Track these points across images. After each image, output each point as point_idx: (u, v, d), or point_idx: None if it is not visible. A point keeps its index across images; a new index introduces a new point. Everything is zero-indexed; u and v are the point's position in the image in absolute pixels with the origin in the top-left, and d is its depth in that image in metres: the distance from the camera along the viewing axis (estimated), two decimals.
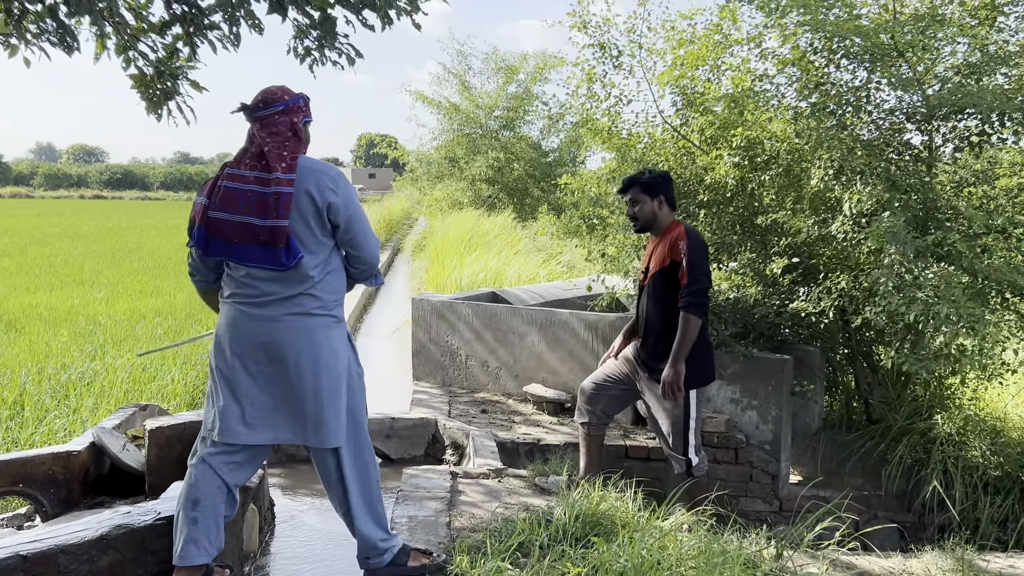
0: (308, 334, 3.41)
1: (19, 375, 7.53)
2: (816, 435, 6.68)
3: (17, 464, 4.34)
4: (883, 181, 5.66)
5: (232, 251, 3.35)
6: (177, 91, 5.33)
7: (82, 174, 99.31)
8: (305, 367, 3.40)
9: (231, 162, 3.43)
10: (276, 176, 3.30)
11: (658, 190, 4.84)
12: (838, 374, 7.32)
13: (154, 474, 4.53)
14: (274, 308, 3.38)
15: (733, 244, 6.81)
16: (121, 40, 5.04)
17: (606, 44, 7.40)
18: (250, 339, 3.40)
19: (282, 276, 3.36)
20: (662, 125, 7.41)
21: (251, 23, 4.30)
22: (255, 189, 3.31)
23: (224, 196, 3.34)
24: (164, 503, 3.47)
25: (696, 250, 4.64)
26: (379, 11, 4.33)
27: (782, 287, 6.46)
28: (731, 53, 7.07)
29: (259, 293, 3.39)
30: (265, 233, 3.29)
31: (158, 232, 29.23)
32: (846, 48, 6.02)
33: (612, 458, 5.86)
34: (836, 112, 6.09)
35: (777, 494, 6.06)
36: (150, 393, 7.36)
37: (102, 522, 3.28)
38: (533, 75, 27.19)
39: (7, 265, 17.53)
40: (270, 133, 3.37)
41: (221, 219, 3.33)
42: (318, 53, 4.65)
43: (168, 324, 10.60)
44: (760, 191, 6.71)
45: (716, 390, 6.22)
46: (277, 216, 3.27)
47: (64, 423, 6.36)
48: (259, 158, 3.35)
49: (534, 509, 4.38)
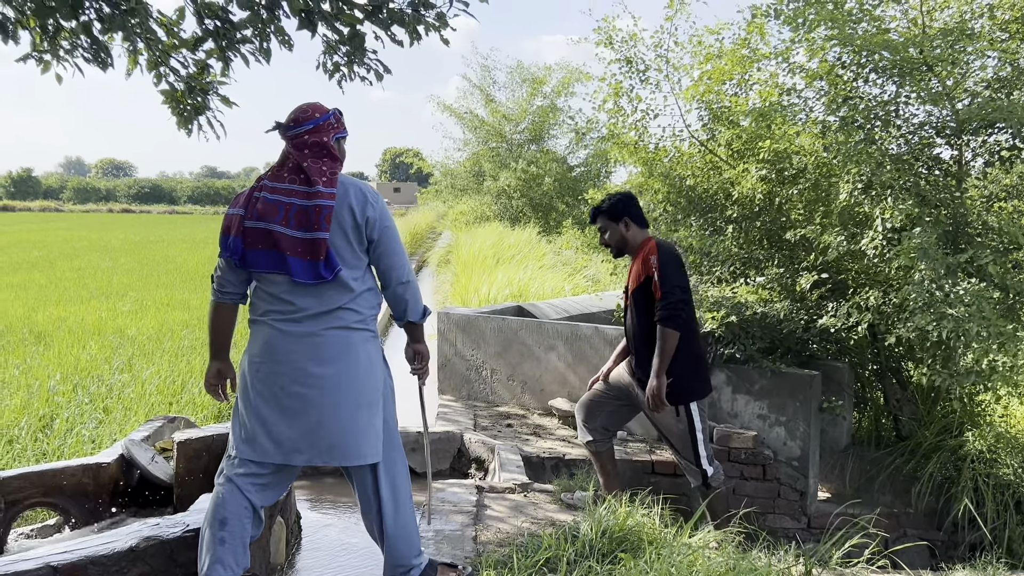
0: (348, 348, 3.39)
1: (48, 387, 7.60)
2: (845, 452, 6.62)
3: (48, 476, 4.37)
4: (913, 196, 5.62)
5: (269, 262, 3.34)
6: (207, 106, 5.38)
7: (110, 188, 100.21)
8: (346, 383, 3.36)
9: (268, 174, 3.43)
10: (318, 189, 3.30)
11: (621, 213, 4.88)
12: (867, 390, 7.26)
13: (182, 486, 4.55)
14: (312, 323, 3.36)
15: (760, 259, 6.78)
16: (153, 56, 5.10)
17: (633, 59, 7.41)
18: (286, 357, 3.35)
19: (319, 290, 3.35)
20: (689, 139, 7.41)
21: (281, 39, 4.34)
22: (295, 202, 3.32)
23: (263, 207, 3.33)
24: (192, 515, 3.48)
25: (667, 262, 4.65)
26: (407, 27, 4.36)
27: (810, 302, 6.43)
28: (758, 67, 7.06)
29: (295, 308, 3.36)
30: (304, 245, 3.29)
31: (185, 246, 29.44)
32: (875, 62, 5.99)
33: (638, 474, 5.83)
34: (864, 126, 6.06)
35: (805, 511, 6.01)
36: (178, 406, 7.40)
37: (131, 534, 3.29)
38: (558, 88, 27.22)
39: (37, 278, 17.71)
40: (305, 150, 3.38)
41: (259, 229, 3.32)
42: (347, 69, 4.69)
43: (195, 336, 10.65)
44: (788, 205, 6.68)
45: (743, 406, 6.19)
46: (318, 228, 3.28)
47: (92, 435, 6.40)
48: (298, 172, 3.37)
49: (560, 524, 4.36)
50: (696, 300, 6.25)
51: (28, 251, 25.65)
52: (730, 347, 6.15)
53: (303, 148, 3.38)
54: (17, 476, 4.24)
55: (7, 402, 7.02)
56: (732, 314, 6.02)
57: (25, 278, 17.67)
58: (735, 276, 6.90)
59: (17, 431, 6.34)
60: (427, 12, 4.34)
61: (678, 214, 7.33)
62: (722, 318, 5.98)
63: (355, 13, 4.26)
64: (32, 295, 14.81)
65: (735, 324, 6.03)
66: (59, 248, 27.25)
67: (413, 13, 4.31)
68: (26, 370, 8.42)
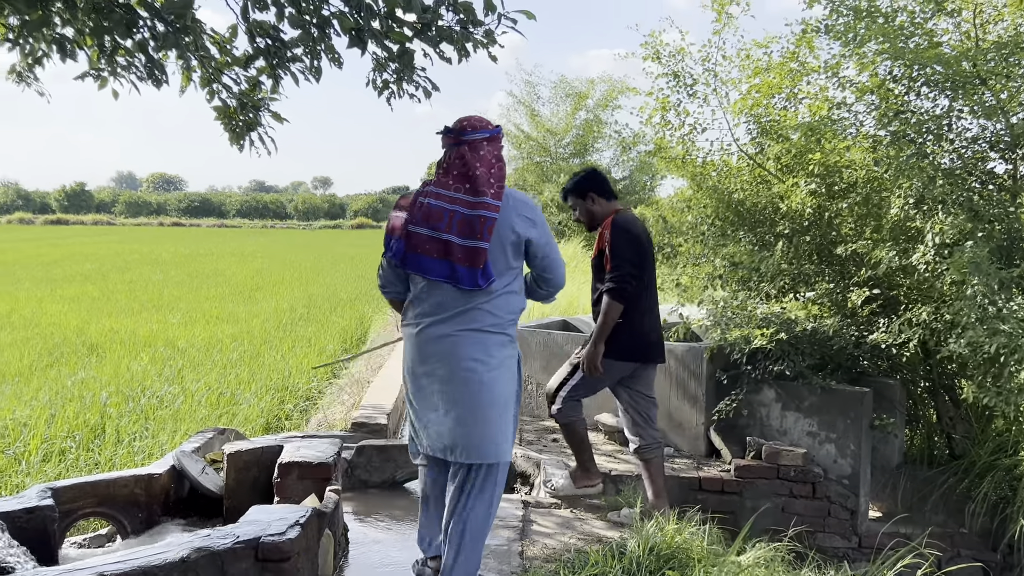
0: (484, 350, 3.52)
1: (100, 398, 7.72)
2: (896, 470, 6.52)
3: (101, 486, 4.43)
4: (965, 211, 5.55)
5: (428, 266, 3.48)
6: (259, 122, 5.46)
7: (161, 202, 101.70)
8: (479, 384, 3.50)
9: (434, 181, 3.56)
10: (484, 200, 3.43)
11: (586, 189, 5.06)
12: (919, 407, 7.15)
13: (232, 497, 4.60)
14: (452, 324, 3.50)
15: (810, 274, 6.71)
16: (206, 73, 5.19)
17: (680, 73, 7.40)
18: (431, 356, 3.53)
19: (464, 292, 3.48)
20: (737, 153, 7.37)
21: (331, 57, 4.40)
22: (460, 210, 3.43)
23: (427, 212, 3.47)
24: (243, 527, 3.51)
25: (618, 237, 4.78)
26: (456, 44, 4.39)
27: (861, 318, 6.35)
28: (807, 81, 7.01)
29: (441, 310, 3.51)
30: (463, 252, 3.42)
31: (234, 259, 29.79)
32: (926, 76, 5.93)
33: (685, 491, 5.79)
34: (916, 140, 5.98)
35: (856, 530, 5.92)
36: (227, 417, 7.48)
37: (182, 545, 3.32)
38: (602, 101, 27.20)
39: (90, 291, 18.02)
40: (478, 157, 3.50)
41: (421, 234, 3.47)
42: (396, 86, 4.73)
43: (244, 349, 10.76)
44: (838, 220, 6.61)
45: (793, 423, 6.13)
46: (480, 238, 3.40)
47: (143, 445, 6.49)
48: (464, 180, 3.48)
49: (607, 541, 4.34)
50: (744, 316, 6.21)
51: (81, 264, 26.12)
52: (779, 363, 6.08)
53: (478, 151, 3.51)
54: (72, 486, 4.30)
55: (61, 412, 7.14)
56: (782, 330, 5.96)
57: (79, 290, 17.99)
58: (784, 292, 6.84)
59: (70, 442, 6.45)
60: (475, 29, 4.37)
61: (727, 228, 7.29)
62: (772, 334, 5.93)
63: (404, 31, 4.30)
64: (85, 307, 15.07)
65: (784, 340, 5.97)
66: (111, 261, 27.71)
67: (462, 31, 4.34)
68: (78, 381, 8.56)
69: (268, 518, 3.56)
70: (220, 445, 5.28)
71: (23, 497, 3.97)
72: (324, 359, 10.31)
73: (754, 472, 5.85)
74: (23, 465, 5.91)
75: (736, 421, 6.31)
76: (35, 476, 5.70)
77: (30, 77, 5.69)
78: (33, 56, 5.37)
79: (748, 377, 6.22)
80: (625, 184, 27.55)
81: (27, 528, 3.76)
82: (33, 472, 5.78)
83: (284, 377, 9.19)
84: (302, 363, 9.91)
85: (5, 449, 6.17)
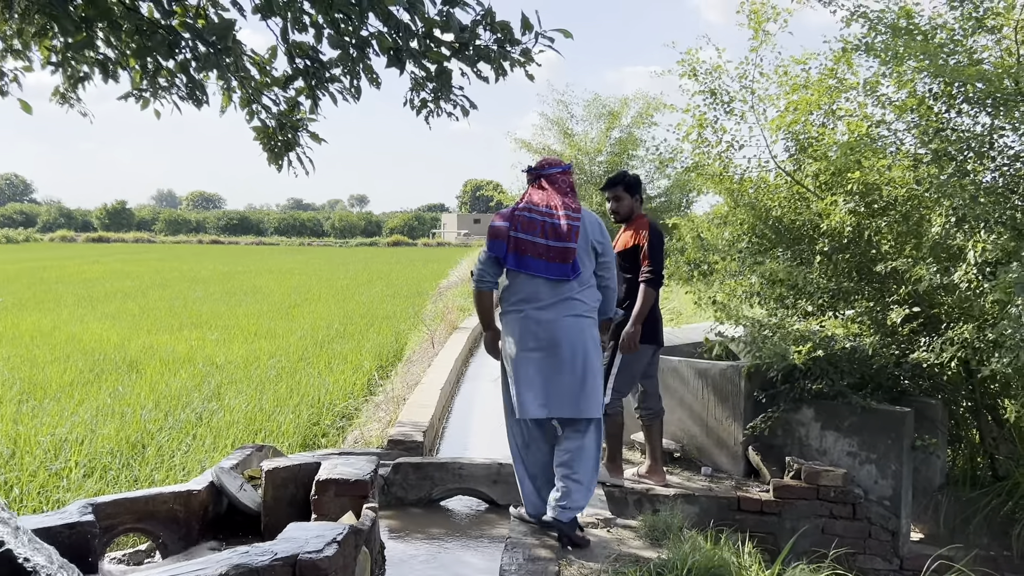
0: (580, 330, 4.56)
1: (140, 414, 7.80)
2: (938, 491, 6.42)
3: (141, 502, 4.47)
4: (1009, 229, 5.47)
5: (528, 263, 4.54)
6: (297, 142, 5.52)
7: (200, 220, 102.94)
8: (579, 355, 4.51)
9: (525, 200, 4.70)
10: (568, 212, 4.56)
11: (637, 189, 6.02)
12: (961, 428, 7.03)
13: (270, 514, 4.62)
14: (555, 311, 4.54)
15: (849, 291, 6.64)
16: (246, 93, 5.25)
17: (717, 90, 7.38)
18: (537, 335, 4.53)
19: (561, 285, 4.55)
20: (775, 170, 7.33)
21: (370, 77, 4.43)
22: (549, 221, 4.54)
23: (525, 222, 4.55)
24: (281, 544, 3.52)
25: (656, 238, 5.78)
26: (493, 63, 4.42)
27: (902, 336, 6.27)
28: (846, 98, 6.96)
29: (542, 298, 4.56)
30: (557, 252, 4.51)
31: (272, 276, 30.01)
32: (966, 93, 5.87)
33: (724, 510, 5.74)
34: (957, 159, 5.92)
35: (897, 552, 5.83)
36: (264, 433, 7.53)
37: (221, 562, 3.34)
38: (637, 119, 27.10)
39: (131, 308, 18.23)
40: (556, 186, 4.68)
41: (522, 239, 4.53)
42: (433, 105, 4.76)
43: (282, 366, 10.83)
44: (877, 237, 6.55)
45: (832, 443, 6.06)
46: (570, 240, 4.52)
47: (181, 461, 6.54)
48: (549, 199, 4.63)
49: (645, 561, 4.31)
50: (782, 334, 6.16)
51: (122, 281, 26.44)
52: (818, 382, 6.02)
53: (556, 183, 4.69)
54: (112, 502, 4.34)
55: (102, 429, 7.22)
56: (820, 348, 5.89)
57: (119, 307, 18.21)
58: (822, 309, 6.77)
59: (110, 458, 6.52)
60: (513, 49, 4.39)
61: (764, 245, 7.25)
62: (808, 351, 5.87)
63: (442, 50, 4.33)
64: (126, 324, 15.24)
65: (823, 359, 5.91)
66: (151, 278, 28.03)
67: (499, 50, 4.36)
68: (118, 397, 8.66)
69: (306, 535, 3.58)
70: (258, 462, 5.30)
71: (65, 513, 4.01)
72: (360, 376, 10.35)
73: (794, 492, 5.79)
74: (64, 481, 5.98)
75: (774, 440, 6.25)
76: (76, 492, 5.76)
77: (73, 98, 5.79)
78: (76, 77, 5.47)
79: (786, 396, 6.17)
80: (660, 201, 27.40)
81: (69, 543, 3.79)
82: (74, 488, 5.84)
83: (321, 394, 9.23)
84: (339, 380, 9.95)
85: (48, 465, 6.25)
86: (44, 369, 10.35)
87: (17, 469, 6.16)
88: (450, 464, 6.23)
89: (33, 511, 5.47)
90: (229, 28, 4.48)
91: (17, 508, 5.51)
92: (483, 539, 5.35)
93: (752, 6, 7.16)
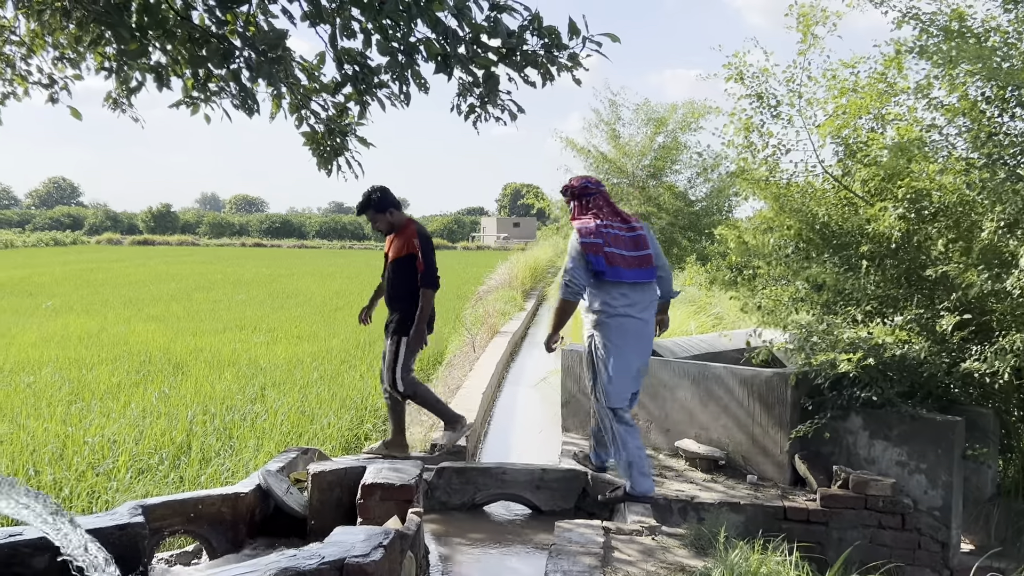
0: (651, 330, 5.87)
1: (186, 416, 7.89)
2: (990, 502, 6.30)
3: (189, 504, 4.52)
4: None
5: (622, 273, 5.59)
6: (346, 147, 5.55)
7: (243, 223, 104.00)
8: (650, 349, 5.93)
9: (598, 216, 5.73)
10: (633, 224, 5.82)
11: (385, 205, 6.60)
12: (1012, 437, 6.89)
13: (316, 517, 4.65)
14: (647, 312, 5.75)
15: (898, 298, 6.54)
16: (295, 100, 5.29)
17: (764, 94, 7.33)
18: (634, 334, 5.68)
19: (647, 289, 5.75)
20: (822, 175, 7.25)
21: (418, 82, 4.44)
22: (624, 234, 5.70)
23: (611, 237, 5.63)
24: (328, 547, 3.54)
25: (426, 245, 6.49)
26: (540, 68, 4.40)
27: (952, 344, 6.16)
28: (896, 102, 6.87)
29: (636, 303, 5.68)
30: (639, 259, 5.67)
31: (314, 279, 30.22)
32: (1019, 97, 5.77)
33: (770, 520, 5.67)
34: (1010, 163, 5.81)
35: (948, 563, 5.73)
36: (307, 436, 7.58)
37: (269, 564, 3.36)
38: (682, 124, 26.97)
39: (175, 310, 18.46)
40: (608, 201, 5.83)
41: (613, 253, 5.58)
42: (481, 109, 4.76)
43: (324, 369, 10.91)
44: (927, 243, 6.45)
45: (881, 452, 5.97)
46: (646, 248, 5.75)
47: (226, 463, 6.60)
48: (614, 214, 5.80)
49: (691, 570, 4.28)
50: (830, 341, 6.09)
51: (167, 283, 26.79)
52: (867, 390, 5.93)
53: (608, 199, 5.84)
54: (161, 504, 4.39)
55: (149, 430, 7.31)
56: (869, 356, 5.81)
57: (164, 310, 18.44)
58: (871, 316, 6.68)
59: (157, 459, 6.59)
60: (560, 53, 4.37)
61: (811, 250, 7.17)
62: (858, 360, 5.78)
63: (489, 56, 4.32)
64: (171, 326, 15.43)
65: (872, 366, 5.82)
66: (195, 281, 28.35)
67: (546, 55, 4.35)
68: (164, 398, 8.76)
69: (352, 539, 3.59)
70: (303, 465, 5.34)
71: (115, 514, 4.06)
72: None
73: (841, 502, 5.71)
74: (112, 482, 6.05)
75: (821, 449, 6.18)
76: (123, 493, 5.83)
77: (125, 104, 5.87)
78: (128, 84, 5.55)
79: (833, 404, 6.09)
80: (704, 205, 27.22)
81: (119, 544, 3.84)
82: (122, 489, 5.92)
83: (363, 396, 9.28)
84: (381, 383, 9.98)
85: (96, 466, 6.33)
86: (92, 370, 10.51)
87: (66, 468, 6.25)
88: (493, 469, 6.25)
89: (82, 511, 5.55)
90: (282, 37, 4.51)
91: (67, 507, 5.58)
92: (527, 545, 5.35)
93: (801, 9, 7.09)
